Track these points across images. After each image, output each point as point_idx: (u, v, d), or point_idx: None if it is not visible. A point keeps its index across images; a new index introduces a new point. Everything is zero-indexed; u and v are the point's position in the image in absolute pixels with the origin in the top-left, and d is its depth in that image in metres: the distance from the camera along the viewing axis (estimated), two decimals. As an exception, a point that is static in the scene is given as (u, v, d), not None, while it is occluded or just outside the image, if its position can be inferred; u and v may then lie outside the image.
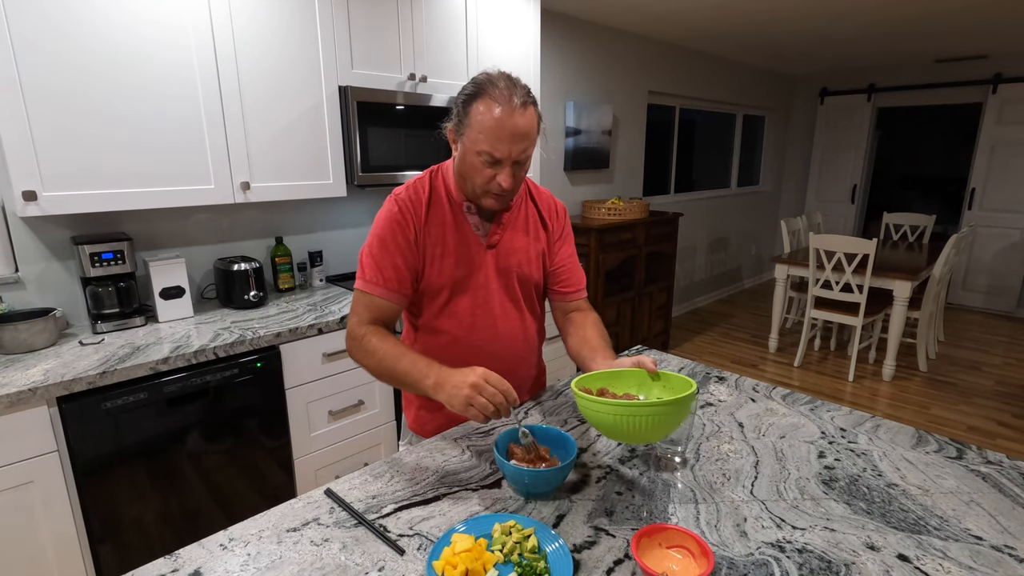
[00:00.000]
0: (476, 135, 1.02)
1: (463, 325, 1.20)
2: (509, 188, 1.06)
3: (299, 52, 2.01)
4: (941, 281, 3.88)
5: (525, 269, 1.23)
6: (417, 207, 1.14)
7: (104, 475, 1.55)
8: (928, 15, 3.58)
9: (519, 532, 0.81)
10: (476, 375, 0.93)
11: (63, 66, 1.56)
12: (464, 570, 0.73)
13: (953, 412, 3.33)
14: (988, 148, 5.20)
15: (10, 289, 1.80)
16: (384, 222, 1.14)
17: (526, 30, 2.75)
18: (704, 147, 5.60)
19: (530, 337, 1.29)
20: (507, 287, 1.23)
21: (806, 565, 0.77)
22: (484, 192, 1.09)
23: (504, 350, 1.23)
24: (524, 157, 1.05)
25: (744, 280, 6.40)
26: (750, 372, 3.95)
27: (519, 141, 1.02)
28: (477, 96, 1.03)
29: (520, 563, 0.77)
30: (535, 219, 1.26)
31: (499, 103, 1.00)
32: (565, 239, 1.31)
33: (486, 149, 1.02)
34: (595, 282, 3.43)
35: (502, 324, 1.23)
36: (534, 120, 1.05)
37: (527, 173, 1.13)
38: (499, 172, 1.05)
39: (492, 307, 1.21)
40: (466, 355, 1.18)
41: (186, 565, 0.78)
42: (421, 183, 1.17)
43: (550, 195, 1.32)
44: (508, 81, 1.04)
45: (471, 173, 1.08)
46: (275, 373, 1.85)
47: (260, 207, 2.31)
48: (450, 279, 1.17)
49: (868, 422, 1.19)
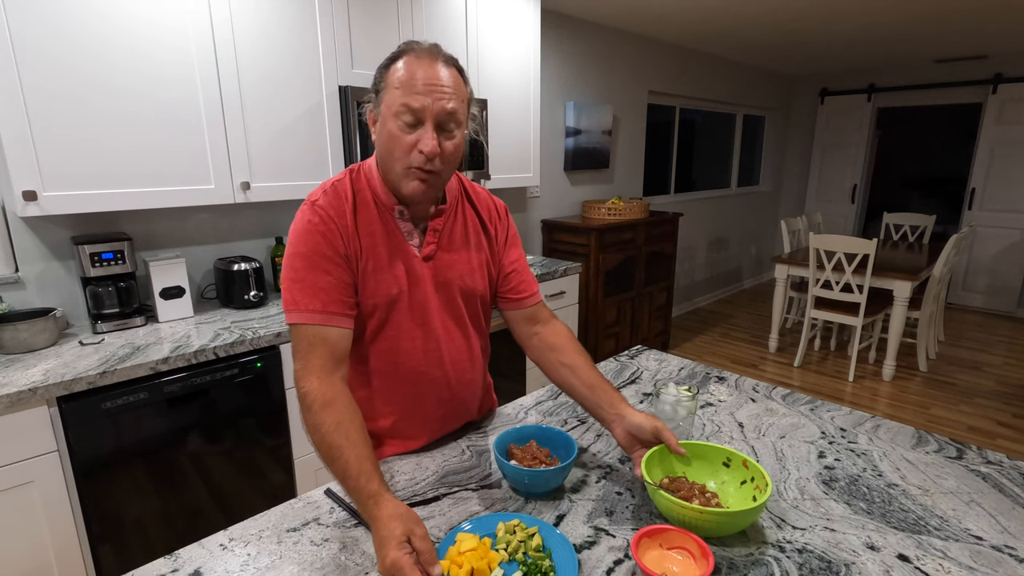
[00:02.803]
0: (392, 93, 0.90)
1: (402, 351, 1.04)
2: (432, 154, 0.90)
3: (299, 52, 2.01)
4: (941, 281, 3.88)
5: (468, 281, 1.08)
6: (341, 215, 0.96)
7: (104, 475, 1.55)
8: (928, 15, 3.58)
9: (523, 531, 0.81)
10: (387, 563, 0.71)
11: (63, 67, 1.56)
12: (469, 569, 0.73)
13: (953, 412, 3.33)
14: (988, 148, 5.20)
15: (10, 289, 1.80)
16: (303, 236, 0.95)
17: (526, 30, 2.75)
18: (704, 147, 5.60)
19: (475, 357, 1.15)
20: (448, 303, 1.07)
21: (806, 565, 0.77)
22: (406, 171, 0.93)
23: (449, 375, 1.09)
24: (448, 115, 0.91)
25: (744, 280, 6.40)
26: (750, 372, 3.95)
27: (441, 93, 0.89)
28: (396, 59, 0.92)
29: (525, 562, 0.77)
30: (475, 224, 1.11)
31: (419, 58, 0.90)
32: (511, 243, 1.16)
33: (402, 102, 0.88)
34: (595, 282, 3.43)
35: (446, 346, 1.08)
36: (459, 79, 0.93)
37: (458, 158, 0.97)
38: (421, 135, 0.90)
39: (433, 327, 1.06)
40: (407, 385, 1.06)
41: (186, 565, 0.78)
42: (341, 185, 1.00)
43: (488, 194, 1.17)
44: (433, 44, 0.94)
45: (390, 146, 0.92)
46: (275, 373, 1.85)
47: (260, 207, 2.31)
48: (385, 298, 1.00)
49: (868, 422, 1.19)
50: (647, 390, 1.37)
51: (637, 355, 1.61)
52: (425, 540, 0.74)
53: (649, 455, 0.92)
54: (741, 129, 5.82)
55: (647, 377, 1.45)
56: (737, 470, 0.92)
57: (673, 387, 1.10)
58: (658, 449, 0.94)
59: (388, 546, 0.72)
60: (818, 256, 3.79)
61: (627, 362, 1.55)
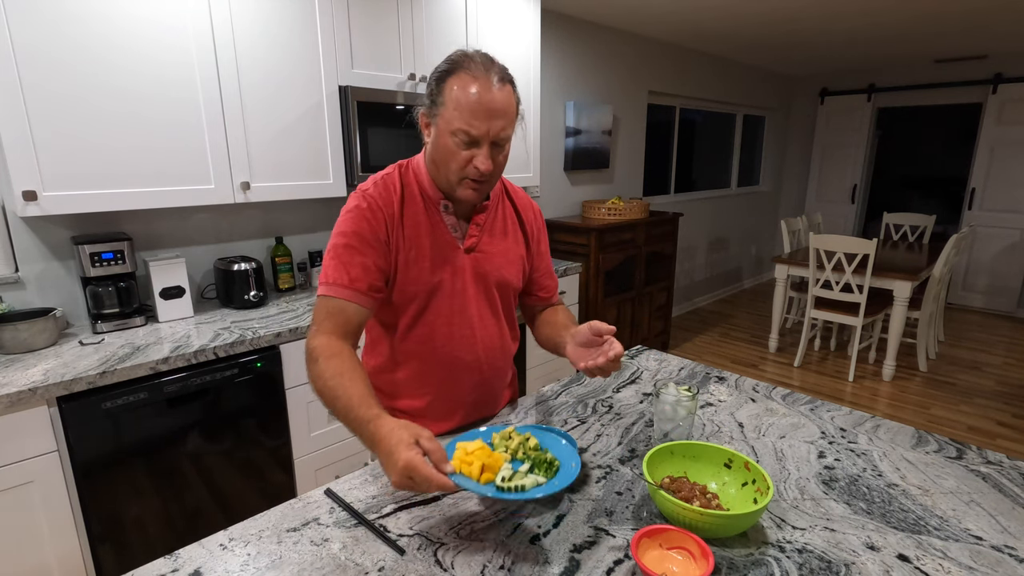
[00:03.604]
0: (451, 113, 0.95)
1: (439, 335, 1.11)
2: (487, 172, 0.98)
3: (299, 52, 2.01)
4: (941, 281, 3.88)
5: (504, 274, 1.15)
6: (388, 205, 1.04)
7: (104, 475, 1.55)
8: (928, 15, 3.58)
9: (519, 436, 0.89)
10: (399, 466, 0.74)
11: (63, 67, 1.56)
12: (480, 465, 0.77)
13: (953, 412, 3.33)
14: (988, 148, 5.20)
15: (10, 289, 1.80)
16: (350, 219, 1.02)
17: (526, 30, 2.75)
18: (704, 147, 5.60)
19: (507, 346, 1.22)
20: (485, 293, 1.14)
21: (806, 565, 0.77)
22: (460, 180, 1.01)
23: (481, 361, 1.16)
24: (502, 137, 0.98)
25: (744, 280, 6.40)
26: (750, 372, 3.95)
27: (497, 118, 0.95)
28: (451, 72, 0.96)
29: (528, 457, 0.85)
30: (513, 220, 1.19)
31: (475, 78, 0.94)
32: (544, 244, 1.26)
33: (462, 127, 0.95)
34: (595, 282, 3.43)
35: (480, 333, 1.14)
36: (512, 98, 0.99)
37: (506, 163, 1.05)
38: (476, 154, 0.97)
39: (470, 315, 1.12)
40: (442, 368, 1.12)
41: (186, 565, 0.78)
42: (390, 178, 1.07)
43: (526, 194, 1.25)
44: (484, 58, 0.98)
45: (446, 158, 0.99)
46: (275, 373, 1.85)
47: (260, 207, 2.31)
48: (426, 285, 1.07)
49: (868, 422, 1.19)
50: (647, 390, 1.37)
51: (637, 355, 1.61)
52: (433, 441, 0.77)
53: (650, 455, 0.92)
54: (741, 129, 5.82)
55: (647, 377, 1.45)
56: (739, 471, 0.92)
57: (673, 387, 1.10)
58: (658, 449, 0.94)
59: (398, 451, 0.75)
60: (818, 256, 3.79)
61: (627, 362, 1.55)
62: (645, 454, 0.93)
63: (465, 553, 0.80)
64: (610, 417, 1.23)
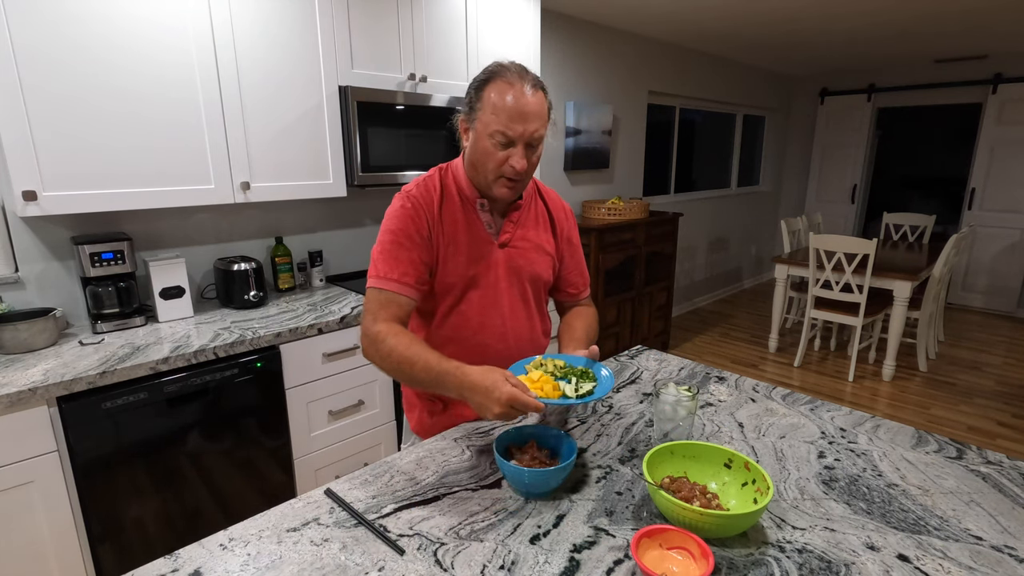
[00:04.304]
0: (489, 117, 1.05)
1: (471, 324, 1.20)
2: (522, 170, 1.07)
3: (299, 52, 2.01)
4: (941, 281, 3.88)
5: (536, 268, 1.24)
6: (429, 203, 1.14)
7: (104, 475, 1.55)
8: (928, 15, 3.58)
9: (549, 361, 1.05)
10: (504, 399, 0.88)
11: (63, 67, 1.56)
12: (550, 387, 0.95)
13: (953, 412, 3.33)
14: (988, 148, 5.20)
15: (10, 289, 1.80)
16: (396, 218, 1.13)
17: (526, 30, 2.75)
18: (704, 147, 5.60)
19: (537, 337, 1.30)
20: (517, 286, 1.23)
21: (806, 565, 0.77)
22: (497, 178, 1.10)
23: (511, 350, 1.23)
24: (536, 138, 1.07)
25: (744, 280, 6.40)
26: (750, 372, 3.95)
27: (531, 120, 1.05)
28: (489, 80, 1.06)
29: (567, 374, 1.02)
30: (545, 218, 1.28)
31: (511, 84, 1.04)
32: (574, 242, 1.34)
33: (499, 129, 1.04)
34: (595, 282, 3.43)
35: (511, 324, 1.23)
36: (544, 103, 1.07)
37: (538, 163, 1.14)
38: (512, 154, 1.06)
39: (501, 306, 1.21)
40: (473, 356, 1.16)
41: (186, 565, 0.78)
42: (431, 180, 1.18)
43: (557, 195, 1.34)
44: (519, 67, 1.08)
45: (484, 158, 1.08)
46: (275, 373, 1.85)
47: (260, 207, 2.31)
48: (462, 278, 1.17)
49: (868, 422, 1.19)
50: (647, 390, 1.37)
51: (637, 355, 1.61)
52: (515, 377, 0.92)
53: (650, 455, 0.92)
54: (741, 129, 5.82)
55: (647, 377, 1.45)
56: (739, 471, 0.92)
57: (673, 387, 1.10)
58: (658, 449, 0.94)
59: (499, 387, 0.89)
60: (818, 256, 3.79)
61: (627, 362, 1.55)
62: (645, 454, 0.93)
63: (465, 553, 0.80)
64: (610, 417, 1.23)
